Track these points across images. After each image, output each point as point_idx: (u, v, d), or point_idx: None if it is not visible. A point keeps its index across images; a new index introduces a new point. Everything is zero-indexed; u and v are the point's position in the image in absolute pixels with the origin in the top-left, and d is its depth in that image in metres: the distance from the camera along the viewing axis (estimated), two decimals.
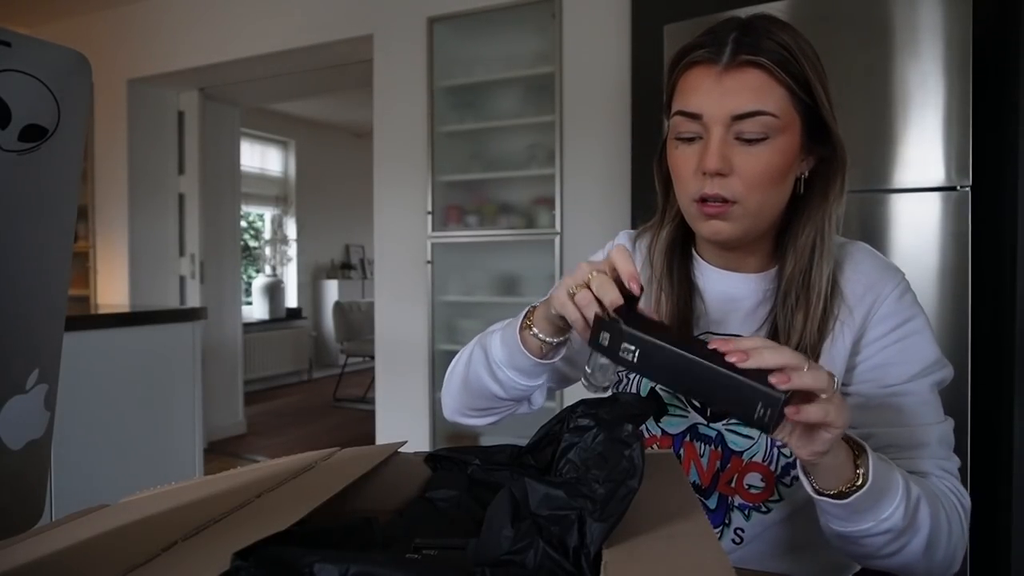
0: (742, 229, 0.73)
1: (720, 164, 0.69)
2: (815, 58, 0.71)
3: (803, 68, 0.69)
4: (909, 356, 0.74)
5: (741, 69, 0.69)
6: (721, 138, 0.69)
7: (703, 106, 0.70)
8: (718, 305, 0.81)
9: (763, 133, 0.69)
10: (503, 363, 0.77)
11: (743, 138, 0.69)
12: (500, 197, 2.87)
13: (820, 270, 0.74)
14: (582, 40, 2.54)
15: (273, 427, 4.64)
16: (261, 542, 0.37)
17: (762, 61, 0.68)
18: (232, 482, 0.56)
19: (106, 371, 1.99)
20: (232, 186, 4.30)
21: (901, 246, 1.60)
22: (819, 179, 0.75)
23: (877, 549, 0.64)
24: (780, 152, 0.70)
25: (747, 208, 0.71)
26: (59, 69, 0.38)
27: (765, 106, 0.68)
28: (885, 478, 0.61)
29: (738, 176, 0.70)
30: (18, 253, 0.38)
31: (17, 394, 0.39)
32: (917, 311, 0.76)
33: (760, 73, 0.68)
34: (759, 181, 0.70)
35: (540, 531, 0.43)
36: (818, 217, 0.75)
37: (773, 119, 0.68)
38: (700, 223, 0.75)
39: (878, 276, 0.76)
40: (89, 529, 0.46)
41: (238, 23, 3.40)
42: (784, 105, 0.69)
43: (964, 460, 1.53)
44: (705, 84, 0.70)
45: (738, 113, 0.68)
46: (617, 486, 0.44)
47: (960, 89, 1.55)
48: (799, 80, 0.69)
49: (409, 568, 0.37)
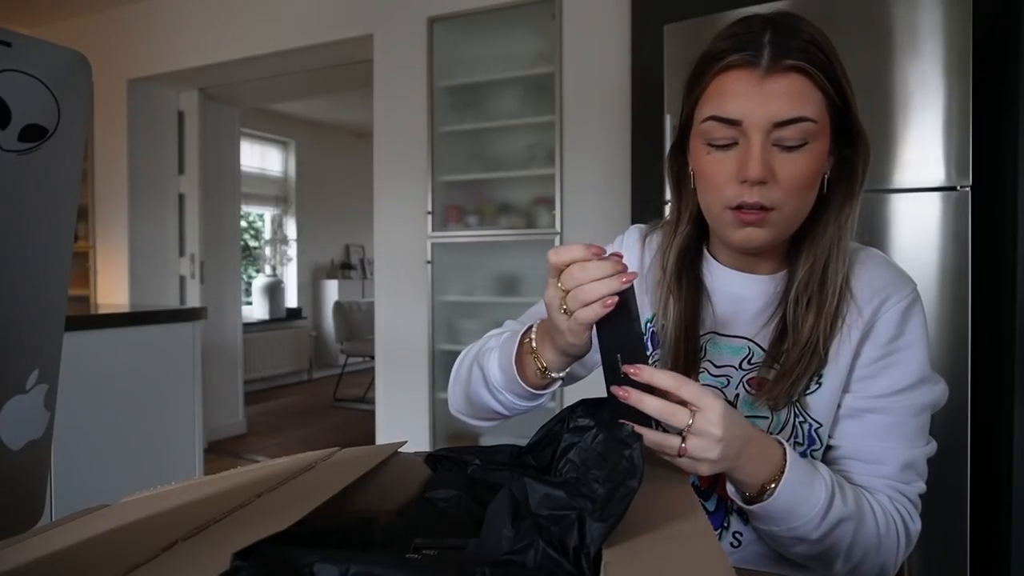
0: (776, 235, 0.72)
1: (764, 172, 0.67)
2: (840, 62, 0.70)
3: (835, 70, 0.68)
4: (892, 372, 0.73)
5: (784, 74, 0.66)
6: (762, 145, 0.67)
7: (743, 111, 0.67)
8: (726, 306, 0.80)
9: (802, 139, 0.67)
10: (502, 387, 0.74)
11: (783, 144, 0.68)
12: (500, 197, 2.87)
13: (836, 269, 0.73)
14: (582, 40, 2.54)
15: (273, 427, 4.64)
16: (261, 542, 0.37)
17: (804, 66, 0.66)
18: (232, 482, 0.56)
19: (106, 371, 1.99)
20: (232, 186, 4.30)
21: (901, 246, 1.60)
22: (842, 178, 0.74)
23: (787, 548, 0.70)
24: (816, 157, 0.69)
25: (784, 214, 0.70)
26: (59, 69, 0.38)
27: (805, 112, 0.67)
28: (802, 491, 0.65)
29: (778, 183, 0.68)
30: (18, 253, 0.38)
31: (17, 394, 0.39)
32: (916, 327, 0.74)
33: (801, 78, 0.67)
34: (798, 187, 0.69)
35: (540, 531, 0.43)
36: (841, 216, 0.74)
37: (812, 124, 0.67)
38: (732, 230, 0.72)
39: (888, 282, 0.75)
40: (89, 529, 0.46)
41: (238, 23, 3.40)
42: (820, 109, 0.68)
43: (964, 461, 1.53)
44: (744, 88, 0.67)
45: (780, 120, 0.66)
46: (617, 486, 0.44)
47: (960, 89, 1.55)
48: (835, 83, 0.68)
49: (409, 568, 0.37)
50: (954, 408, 1.53)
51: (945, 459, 1.58)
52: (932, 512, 1.56)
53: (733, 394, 0.77)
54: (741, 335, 0.79)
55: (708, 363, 0.79)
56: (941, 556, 1.57)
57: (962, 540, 1.55)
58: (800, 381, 0.73)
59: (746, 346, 0.78)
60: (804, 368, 0.73)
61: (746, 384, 0.77)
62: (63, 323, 0.42)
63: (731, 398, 0.77)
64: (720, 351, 0.79)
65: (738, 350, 0.78)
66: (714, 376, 0.79)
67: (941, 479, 1.56)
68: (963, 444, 1.53)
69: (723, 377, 0.78)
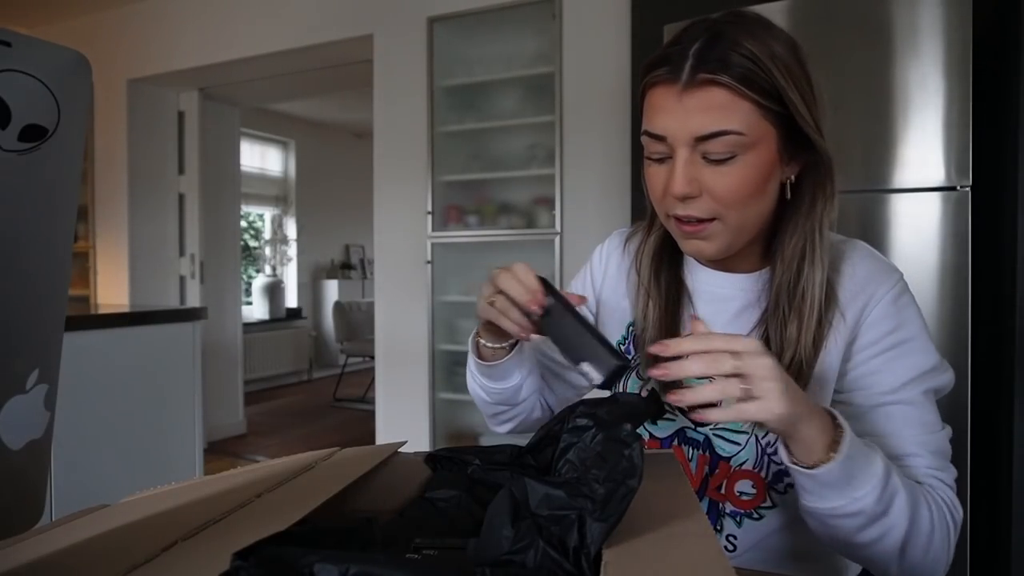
0: (724, 244, 0.71)
1: (686, 188, 0.67)
2: (792, 61, 0.66)
3: (772, 77, 0.64)
4: (902, 363, 0.71)
5: (702, 88, 0.65)
6: (686, 160, 0.67)
7: (666, 127, 0.67)
8: (706, 305, 0.80)
9: (730, 152, 0.66)
10: (475, 371, 0.84)
11: (710, 158, 0.67)
12: (500, 197, 2.87)
13: (812, 278, 0.71)
14: (582, 40, 2.54)
15: (273, 427, 4.64)
16: (261, 542, 0.37)
17: (722, 79, 0.64)
18: (232, 482, 0.56)
19: (106, 371, 1.99)
20: (232, 186, 4.30)
21: (901, 246, 1.60)
22: (807, 184, 0.72)
23: (849, 534, 0.63)
24: (752, 168, 0.67)
25: (727, 224, 0.70)
26: (59, 69, 0.38)
27: (729, 125, 0.65)
28: (861, 459, 0.60)
29: (709, 196, 0.68)
30: (18, 253, 0.38)
31: (17, 394, 0.39)
32: (912, 315, 0.73)
33: (722, 90, 0.64)
34: (731, 200, 0.68)
35: (540, 531, 0.43)
36: (806, 223, 0.72)
37: (739, 137, 0.65)
38: (681, 240, 0.74)
39: (872, 277, 0.73)
40: (89, 529, 0.46)
41: (238, 23, 3.40)
42: (752, 120, 0.65)
43: (964, 460, 1.53)
44: (667, 104, 0.67)
45: (701, 134, 0.66)
46: (617, 486, 0.44)
47: (960, 89, 1.55)
48: (767, 92, 0.65)
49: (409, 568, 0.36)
50: (954, 407, 1.53)
51: None
52: None
53: None
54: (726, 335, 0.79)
55: None
56: None
57: (962, 540, 1.55)
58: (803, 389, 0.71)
59: None
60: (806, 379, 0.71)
61: None
62: (63, 323, 0.42)
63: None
64: None
65: None
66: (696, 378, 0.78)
67: None
68: (963, 443, 1.53)
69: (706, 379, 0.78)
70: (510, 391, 0.83)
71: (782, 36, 0.68)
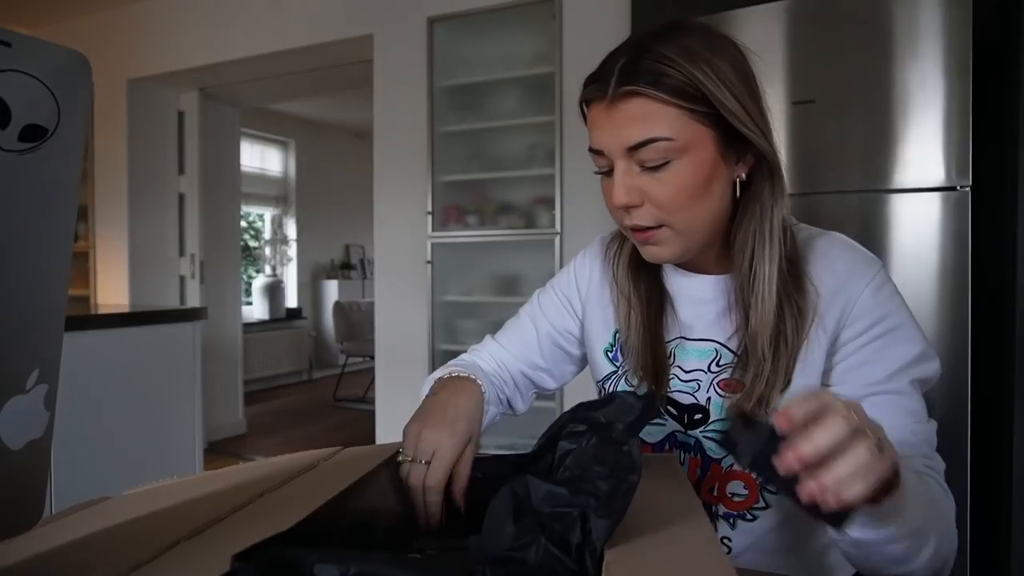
0: (679, 248, 0.73)
1: (626, 198, 0.69)
2: (720, 62, 0.67)
3: (695, 81, 0.65)
4: (889, 354, 0.70)
5: (625, 100, 0.67)
6: (624, 171, 0.69)
7: (601, 142, 0.70)
8: (688, 310, 0.80)
9: (663, 158, 0.67)
10: None
11: (646, 166, 0.68)
12: (500, 197, 2.87)
13: (762, 273, 0.71)
14: (582, 40, 2.54)
15: (273, 427, 4.63)
16: (261, 543, 0.37)
17: (643, 89, 0.65)
18: (235, 480, 0.56)
19: (106, 371, 1.99)
20: (232, 186, 4.30)
21: (901, 246, 1.60)
22: (756, 181, 0.73)
23: (895, 560, 0.58)
24: (689, 171, 0.68)
25: (677, 229, 0.71)
26: (59, 69, 0.38)
27: (655, 132, 0.66)
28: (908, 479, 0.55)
29: (650, 203, 0.69)
30: (18, 253, 0.38)
31: (17, 394, 0.39)
32: (896, 305, 0.72)
33: (644, 100, 0.66)
34: (672, 205, 0.69)
35: (542, 528, 0.43)
36: (755, 220, 0.72)
37: (668, 142, 0.66)
38: (639, 247, 0.76)
39: (852, 270, 0.72)
40: (92, 524, 0.46)
41: (238, 23, 3.40)
42: (679, 124, 0.66)
43: (964, 460, 1.53)
44: (599, 119, 0.70)
45: (630, 144, 0.67)
46: (619, 482, 0.44)
47: (960, 89, 1.55)
48: (691, 96, 0.66)
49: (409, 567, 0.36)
50: (954, 407, 1.53)
51: (945, 458, 1.58)
52: None
53: (705, 398, 0.76)
54: (707, 338, 0.78)
55: (677, 368, 0.79)
56: None
57: (962, 538, 1.55)
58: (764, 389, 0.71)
59: (713, 348, 0.78)
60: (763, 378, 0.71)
61: (717, 387, 0.76)
62: (63, 323, 0.42)
63: (703, 402, 0.76)
64: (687, 355, 0.79)
65: (705, 353, 0.78)
66: (684, 381, 0.78)
67: None
68: (963, 443, 1.53)
69: (693, 382, 0.78)
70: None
71: (714, 41, 0.69)
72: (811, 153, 1.71)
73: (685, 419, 0.78)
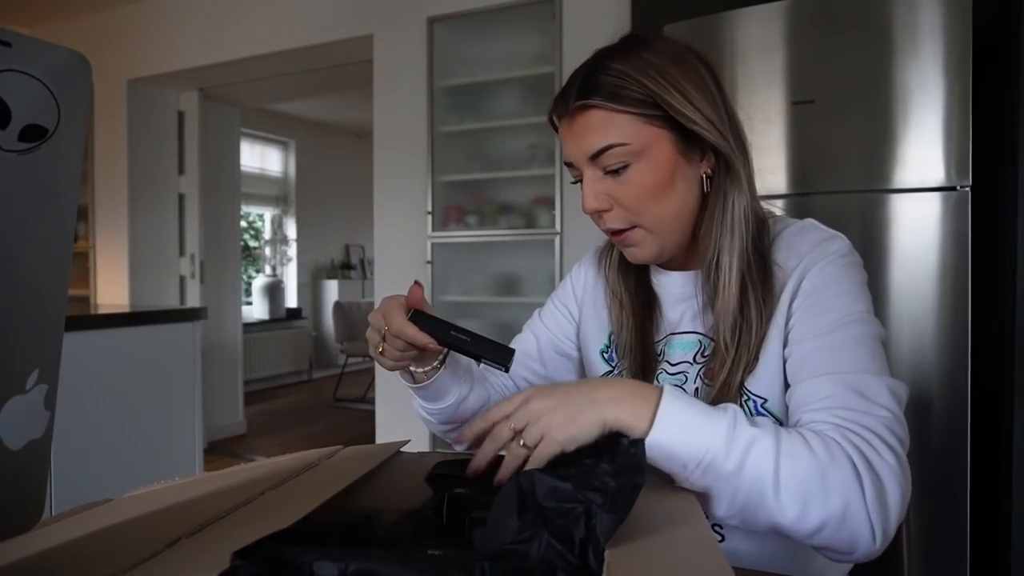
0: (655, 247, 0.77)
1: (595, 204, 0.75)
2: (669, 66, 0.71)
3: (643, 87, 0.70)
4: (825, 307, 0.69)
5: (582, 112, 0.73)
6: (591, 179, 0.75)
7: (569, 154, 0.76)
8: (674, 307, 0.83)
9: (622, 161, 0.72)
10: (413, 394, 0.87)
11: (609, 171, 0.73)
12: (500, 197, 2.87)
13: (727, 263, 0.74)
14: (582, 40, 2.54)
15: (273, 427, 4.64)
16: (261, 541, 0.37)
17: (593, 101, 0.71)
18: (236, 479, 0.57)
19: (106, 371, 1.99)
20: (232, 186, 4.30)
21: (901, 246, 1.60)
22: (718, 176, 0.76)
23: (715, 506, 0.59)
24: (650, 171, 0.72)
25: (649, 228, 0.75)
26: (59, 69, 0.38)
27: (609, 139, 0.72)
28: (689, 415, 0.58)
29: (619, 206, 0.75)
30: (18, 253, 0.38)
31: (17, 394, 0.39)
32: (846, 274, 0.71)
33: (596, 111, 0.72)
34: (638, 205, 0.74)
35: (546, 523, 0.43)
36: (715, 213, 0.75)
37: (624, 147, 0.71)
38: (623, 251, 0.80)
39: (812, 250, 0.73)
40: (93, 523, 0.46)
41: (238, 23, 3.40)
42: (633, 129, 0.71)
43: (964, 460, 1.53)
44: (565, 134, 0.76)
45: (590, 153, 0.73)
46: (626, 481, 0.44)
47: (960, 89, 1.55)
48: (642, 101, 0.71)
49: (407, 564, 0.37)
50: (954, 408, 1.53)
51: (945, 459, 1.58)
52: (932, 511, 1.56)
53: (692, 389, 0.78)
54: (692, 330, 0.81)
55: (665, 363, 0.81)
56: (941, 555, 1.57)
57: (962, 539, 1.55)
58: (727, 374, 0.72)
59: (697, 340, 0.80)
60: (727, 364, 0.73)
61: (703, 377, 0.78)
62: (63, 323, 0.42)
63: (691, 393, 0.78)
64: (674, 349, 0.82)
65: (690, 345, 0.80)
66: (671, 374, 0.80)
67: (941, 478, 1.56)
68: (963, 444, 1.53)
69: (680, 374, 0.80)
70: (450, 408, 0.85)
71: (667, 50, 0.73)
72: (811, 153, 1.71)
73: None
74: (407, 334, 0.72)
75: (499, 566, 0.39)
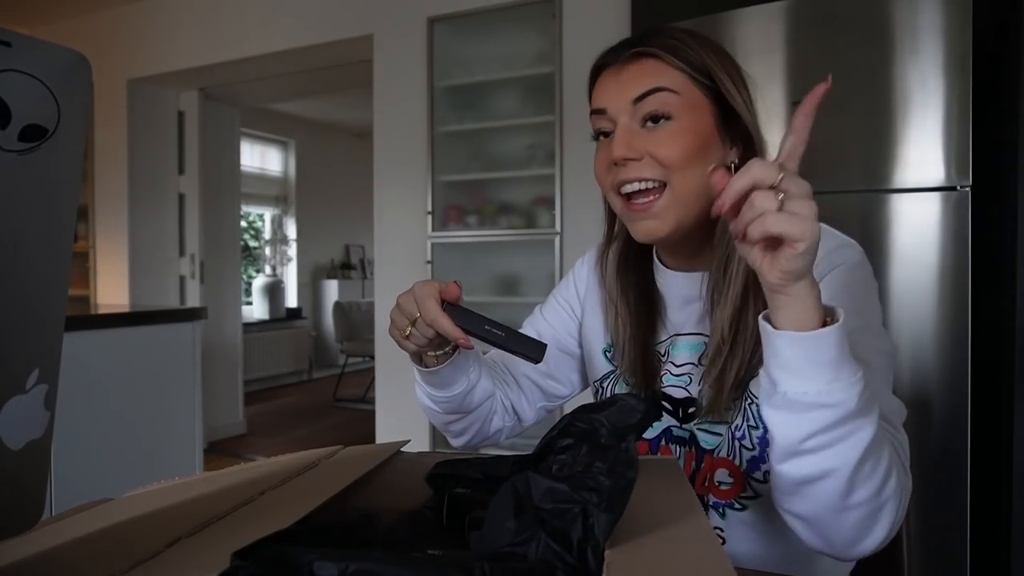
0: (675, 219, 0.72)
1: (627, 150, 0.71)
2: (722, 53, 0.74)
3: (701, 55, 0.72)
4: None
5: (634, 60, 0.73)
6: (625, 127, 0.72)
7: (606, 100, 0.74)
8: (678, 309, 0.81)
9: (665, 111, 0.71)
10: (420, 380, 0.85)
11: (649, 120, 0.72)
12: (500, 197, 2.87)
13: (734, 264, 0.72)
14: (582, 40, 2.54)
15: (273, 427, 4.64)
16: (261, 541, 0.37)
17: (652, 50, 0.72)
18: (236, 479, 0.57)
19: (106, 371, 2.00)
20: (232, 186, 4.30)
21: (901, 246, 1.60)
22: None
23: (810, 433, 0.54)
24: (690, 130, 0.71)
25: (673, 193, 0.71)
26: (59, 69, 0.38)
27: (661, 83, 0.71)
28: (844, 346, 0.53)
29: (651, 157, 0.71)
30: (18, 253, 0.38)
31: (17, 394, 0.39)
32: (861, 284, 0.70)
33: (653, 60, 0.72)
34: (672, 159, 0.70)
35: (543, 524, 0.43)
36: None
37: (673, 95, 0.71)
38: (632, 224, 0.75)
39: (824, 255, 0.70)
40: (93, 523, 0.46)
41: (238, 23, 3.40)
42: (683, 83, 0.71)
43: (964, 461, 1.53)
44: (607, 82, 0.75)
45: (636, 95, 0.72)
46: (619, 477, 0.44)
47: (960, 89, 1.55)
48: (696, 66, 0.72)
49: (407, 565, 0.36)
50: (954, 408, 1.53)
51: (945, 459, 1.58)
52: (932, 512, 1.56)
53: (697, 390, 0.77)
54: (697, 332, 0.80)
55: (670, 364, 0.80)
56: (941, 555, 1.57)
57: (962, 540, 1.55)
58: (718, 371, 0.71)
59: (702, 342, 0.78)
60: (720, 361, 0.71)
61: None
62: (63, 323, 0.42)
63: (695, 395, 0.77)
64: (679, 351, 0.80)
65: (695, 347, 0.79)
66: (675, 376, 0.79)
67: (941, 479, 1.56)
68: (963, 444, 1.53)
69: (685, 376, 0.79)
70: (458, 397, 0.83)
71: (715, 43, 0.75)
72: (811, 153, 1.70)
73: (680, 413, 0.79)
74: (441, 325, 0.72)
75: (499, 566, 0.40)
